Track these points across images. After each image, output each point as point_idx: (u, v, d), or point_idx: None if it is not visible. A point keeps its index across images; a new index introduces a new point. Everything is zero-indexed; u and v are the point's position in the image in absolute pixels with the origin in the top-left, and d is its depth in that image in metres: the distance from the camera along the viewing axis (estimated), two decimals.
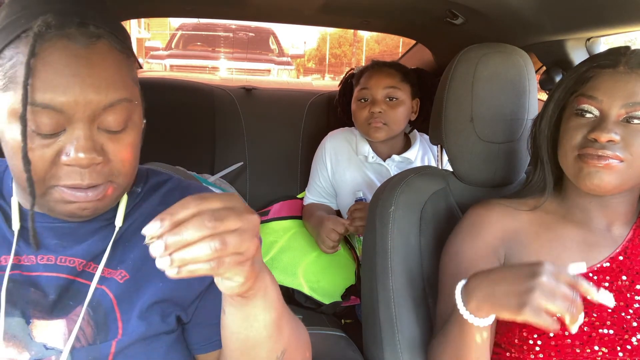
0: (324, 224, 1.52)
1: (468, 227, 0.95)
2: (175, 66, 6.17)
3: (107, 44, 0.63)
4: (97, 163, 0.62)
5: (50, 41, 0.60)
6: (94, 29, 0.62)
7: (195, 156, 1.97)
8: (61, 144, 0.61)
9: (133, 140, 0.66)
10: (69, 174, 0.62)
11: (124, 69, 0.65)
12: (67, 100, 0.59)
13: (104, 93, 0.61)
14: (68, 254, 0.70)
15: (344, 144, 1.69)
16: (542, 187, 0.94)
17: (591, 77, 0.86)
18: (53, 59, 0.59)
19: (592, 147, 0.82)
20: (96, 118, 0.62)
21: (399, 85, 1.58)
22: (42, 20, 0.59)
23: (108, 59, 0.63)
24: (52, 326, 0.68)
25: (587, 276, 0.88)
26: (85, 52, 0.61)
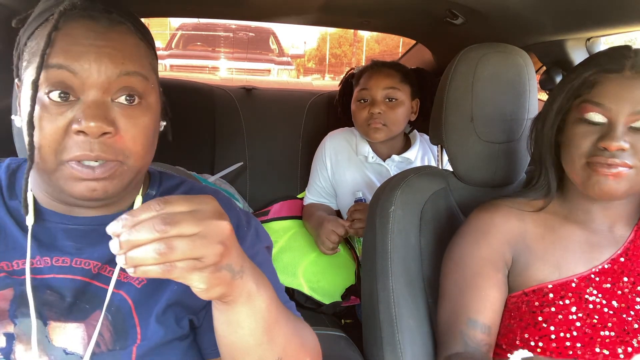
0: (323, 226, 1.52)
1: (472, 232, 0.95)
2: (175, 66, 6.17)
3: (127, 29, 0.66)
4: (107, 133, 0.62)
5: (74, 19, 0.63)
6: (117, 16, 0.66)
7: (195, 156, 1.97)
8: (74, 113, 0.62)
9: (147, 121, 0.67)
10: (79, 144, 0.62)
11: (143, 52, 0.68)
12: (81, 64, 0.61)
13: (120, 63, 0.63)
14: (83, 256, 0.69)
15: (343, 144, 1.68)
16: (547, 190, 0.93)
17: (597, 83, 0.84)
18: (73, 32, 0.62)
19: (602, 156, 0.81)
20: (109, 88, 0.63)
21: (399, 86, 1.58)
22: (69, 1, 0.63)
23: (127, 40, 0.66)
24: (70, 330, 0.67)
25: (589, 278, 0.87)
26: (106, 30, 0.64)
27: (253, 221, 0.81)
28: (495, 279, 0.91)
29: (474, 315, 0.90)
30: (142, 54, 0.68)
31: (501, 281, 0.92)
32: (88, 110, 0.61)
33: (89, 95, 0.62)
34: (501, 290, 0.92)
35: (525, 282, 0.91)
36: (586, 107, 0.84)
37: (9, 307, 0.66)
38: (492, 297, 0.91)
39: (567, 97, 0.88)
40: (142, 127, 0.66)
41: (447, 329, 0.94)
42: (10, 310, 0.66)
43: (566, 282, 0.88)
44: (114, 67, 0.63)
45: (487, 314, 0.90)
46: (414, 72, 1.67)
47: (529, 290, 0.90)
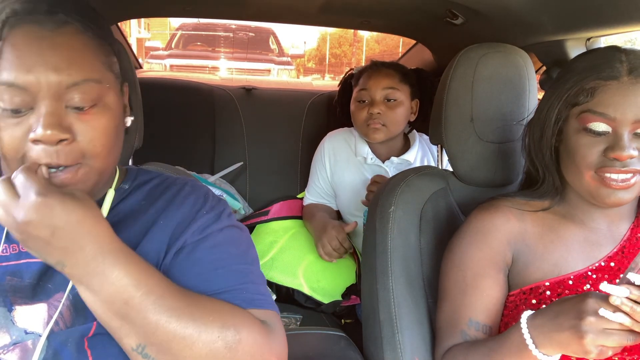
0: (327, 230, 1.52)
1: (472, 233, 0.94)
2: (175, 66, 6.17)
3: (74, 28, 0.65)
4: (64, 140, 0.63)
5: (18, 26, 0.63)
6: (63, 16, 0.65)
7: (195, 156, 1.97)
8: (29, 122, 0.63)
9: (105, 123, 0.67)
10: (39, 154, 0.63)
11: (92, 52, 0.67)
12: (29, 79, 0.62)
13: (66, 72, 0.63)
14: None
15: (343, 144, 1.68)
16: (554, 193, 0.92)
17: (595, 91, 0.83)
18: (18, 41, 0.63)
19: (613, 167, 0.80)
20: (62, 96, 0.64)
21: (398, 86, 1.57)
22: (9, 8, 0.63)
23: (74, 41, 0.65)
24: (33, 311, 0.69)
25: (585, 275, 0.88)
26: (50, 34, 0.64)
27: (219, 206, 0.79)
28: (495, 279, 0.92)
29: (474, 315, 0.91)
30: (92, 56, 0.67)
31: (501, 281, 0.92)
32: (42, 120, 0.62)
33: (42, 105, 0.63)
34: (501, 290, 0.92)
35: (524, 281, 0.91)
36: (588, 117, 0.83)
37: None
38: (492, 297, 0.91)
39: (565, 105, 0.87)
40: (100, 129, 0.67)
41: (447, 328, 0.94)
42: None
43: (563, 280, 0.88)
44: (61, 79, 0.63)
45: (487, 314, 0.91)
46: (413, 73, 1.67)
47: (527, 288, 0.90)
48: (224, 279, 0.72)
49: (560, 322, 0.72)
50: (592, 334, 0.68)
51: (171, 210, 0.76)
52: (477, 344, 0.87)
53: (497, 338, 0.84)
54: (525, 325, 0.77)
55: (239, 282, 0.72)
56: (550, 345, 0.74)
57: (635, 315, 0.67)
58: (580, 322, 0.69)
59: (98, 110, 0.67)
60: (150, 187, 0.80)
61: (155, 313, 0.62)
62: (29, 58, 0.62)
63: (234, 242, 0.77)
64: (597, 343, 0.68)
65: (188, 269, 0.72)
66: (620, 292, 0.67)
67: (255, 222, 1.78)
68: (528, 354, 0.76)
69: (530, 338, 0.76)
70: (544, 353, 0.75)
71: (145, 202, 0.77)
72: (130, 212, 0.76)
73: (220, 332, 0.64)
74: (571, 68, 0.88)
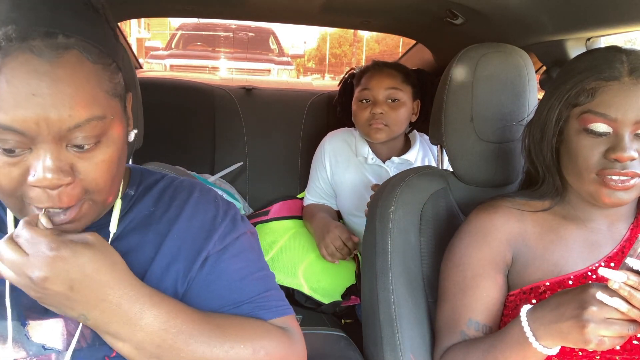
0: (330, 230, 1.51)
1: (472, 233, 0.94)
2: (175, 66, 6.17)
3: (76, 56, 0.58)
4: (67, 184, 0.59)
5: (12, 55, 0.55)
6: (63, 38, 0.57)
7: (195, 156, 1.97)
8: (28, 162, 0.58)
9: (109, 156, 0.62)
10: (39, 197, 0.59)
11: (95, 82, 0.59)
12: (27, 123, 0.55)
13: (68, 113, 0.57)
14: None
15: (343, 145, 1.68)
16: (555, 193, 0.92)
17: (596, 91, 0.82)
18: (14, 77, 0.55)
19: (614, 169, 0.80)
20: (63, 138, 0.58)
21: (401, 87, 1.57)
22: (3, 33, 0.55)
23: (76, 74, 0.57)
24: (48, 325, 0.67)
25: (585, 275, 0.88)
26: (49, 67, 0.56)
27: (231, 211, 0.79)
28: (495, 279, 0.92)
29: (474, 315, 0.91)
30: (97, 87, 0.60)
31: (501, 281, 0.92)
32: (42, 164, 0.57)
33: (41, 148, 0.58)
34: (501, 290, 0.92)
35: (524, 281, 0.91)
36: (589, 118, 0.83)
37: None
38: (492, 297, 0.91)
39: (565, 106, 0.86)
40: (104, 166, 0.62)
41: (447, 328, 0.94)
42: None
43: (562, 280, 0.88)
44: (62, 121, 0.57)
45: (487, 314, 0.91)
46: (414, 73, 1.66)
47: (527, 288, 0.90)
48: (248, 288, 0.74)
49: (562, 313, 0.73)
50: (593, 323, 0.68)
51: (184, 220, 0.74)
52: (477, 342, 0.87)
53: (497, 334, 0.84)
54: (525, 319, 0.77)
55: (261, 290, 0.75)
56: (550, 337, 0.74)
57: (632, 300, 0.67)
58: (582, 311, 0.69)
59: (101, 146, 0.61)
60: (158, 191, 0.77)
61: (187, 346, 0.64)
62: (27, 99, 0.55)
63: (251, 248, 0.79)
64: (598, 333, 0.68)
65: (214, 282, 0.73)
66: (618, 277, 0.68)
67: (256, 222, 1.78)
68: (528, 347, 0.76)
69: (530, 331, 0.76)
70: (544, 345, 0.75)
71: (155, 209, 0.75)
72: (141, 221, 0.74)
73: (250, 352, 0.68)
74: (571, 68, 0.88)
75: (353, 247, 1.51)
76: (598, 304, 0.69)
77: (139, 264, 0.70)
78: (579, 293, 0.72)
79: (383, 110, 1.54)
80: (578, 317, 0.70)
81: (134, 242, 0.72)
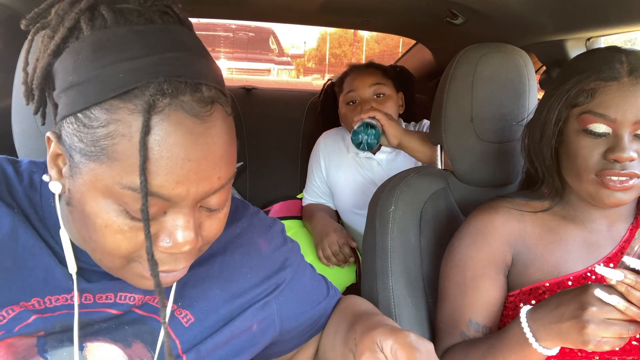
0: (329, 234, 1.52)
1: (472, 234, 0.94)
2: None
3: (220, 111, 0.53)
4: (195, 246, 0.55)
5: (163, 113, 0.48)
6: (207, 90, 0.51)
7: None
8: (159, 226, 0.53)
9: (226, 213, 0.59)
10: (165, 260, 0.55)
11: (233, 138, 0.55)
12: (178, 192, 0.50)
13: (217, 177, 0.52)
14: (127, 290, 0.64)
15: (335, 143, 1.71)
16: (554, 194, 0.92)
17: (596, 92, 0.82)
18: (169, 137, 0.48)
19: (613, 170, 0.80)
20: (198, 202, 0.54)
21: (383, 81, 1.59)
22: (156, 87, 0.48)
23: (222, 133, 0.52)
24: (110, 353, 0.62)
25: (584, 276, 0.88)
26: (203, 128, 0.50)
27: (277, 227, 0.84)
28: (495, 280, 0.92)
29: (474, 316, 0.91)
30: (234, 144, 0.55)
31: (501, 282, 0.92)
32: (180, 231, 0.53)
33: (180, 213, 0.53)
34: (501, 291, 0.92)
35: (524, 282, 0.91)
36: (588, 118, 0.83)
37: (37, 342, 0.60)
38: (492, 298, 0.91)
39: (565, 106, 0.86)
40: (224, 219, 0.59)
41: (447, 329, 0.94)
42: (38, 345, 0.60)
43: (562, 281, 0.88)
44: (211, 187, 0.53)
45: (487, 314, 0.91)
46: (392, 69, 1.69)
47: (527, 289, 0.90)
48: (320, 287, 0.86)
49: (561, 313, 0.73)
50: (593, 324, 0.68)
51: (255, 256, 0.74)
52: (477, 342, 0.87)
53: (497, 334, 0.84)
54: (525, 319, 0.77)
55: (324, 280, 0.88)
56: (549, 337, 0.74)
57: (630, 296, 0.67)
58: (582, 312, 0.69)
59: (227, 205, 0.58)
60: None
61: None
62: (180, 163, 0.49)
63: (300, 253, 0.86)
64: (598, 333, 0.68)
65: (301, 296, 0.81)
66: (616, 276, 0.68)
67: None
68: (528, 347, 0.76)
69: (530, 332, 0.76)
70: (544, 346, 0.75)
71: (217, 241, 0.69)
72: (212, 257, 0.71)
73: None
74: (571, 68, 0.88)
75: (349, 255, 1.51)
76: (598, 305, 0.69)
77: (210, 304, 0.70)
78: (578, 294, 0.72)
79: (372, 106, 1.54)
80: (578, 318, 0.70)
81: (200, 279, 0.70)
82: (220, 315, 0.69)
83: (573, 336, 0.71)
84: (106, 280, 0.63)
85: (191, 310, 0.68)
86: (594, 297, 0.69)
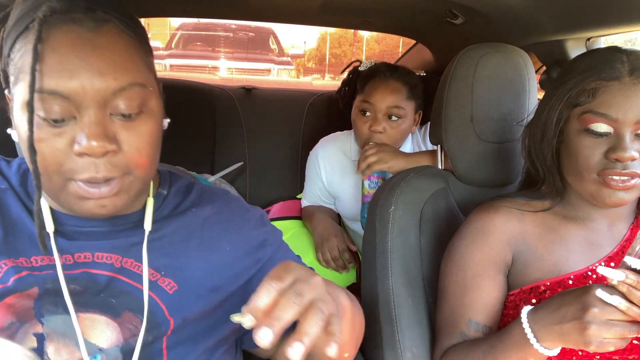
0: (329, 239, 1.51)
1: (472, 234, 0.94)
2: (175, 66, 6.17)
3: (115, 27, 0.61)
4: (111, 151, 0.60)
5: (56, 26, 0.59)
6: (102, 14, 0.61)
7: (195, 156, 1.97)
8: (72, 132, 0.59)
9: (150, 129, 0.64)
10: (84, 167, 0.60)
11: (135, 53, 0.63)
12: (73, 86, 0.58)
13: (112, 77, 0.59)
14: (104, 250, 0.69)
15: (336, 152, 1.64)
16: (555, 194, 0.92)
17: (597, 91, 0.82)
18: (59, 44, 0.58)
19: (615, 169, 0.80)
20: (107, 104, 0.60)
21: (403, 104, 1.47)
22: (47, 6, 0.58)
23: (117, 42, 0.61)
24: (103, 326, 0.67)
25: (585, 275, 0.88)
26: (92, 35, 0.59)
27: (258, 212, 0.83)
28: (495, 279, 0.92)
29: (474, 316, 0.91)
30: (135, 56, 0.63)
31: (502, 282, 0.92)
32: (87, 130, 0.58)
33: (86, 114, 0.59)
34: (501, 290, 0.92)
35: (524, 281, 0.91)
36: (590, 118, 0.83)
37: (34, 305, 0.65)
38: (492, 297, 0.91)
39: (566, 106, 0.86)
40: (146, 137, 0.63)
41: (447, 329, 0.94)
42: (35, 308, 0.65)
43: (562, 280, 0.88)
44: (107, 84, 0.59)
45: (487, 314, 0.91)
46: (421, 82, 1.56)
47: (527, 288, 0.90)
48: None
49: (563, 314, 0.72)
50: (595, 325, 0.68)
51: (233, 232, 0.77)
52: (478, 342, 0.87)
53: (497, 334, 0.84)
54: (526, 320, 0.77)
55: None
56: (550, 338, 0.74)
57: (631, 296, 0.67)
58: (584, 313, 0.69)
59: (143, 116, 0.63)
60: (196, 196, 0.79)
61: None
62: (72, 62, 0.58)
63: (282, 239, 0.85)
64: (600, 334, 0.68)
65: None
66: (617, 276, 0.68)
67: None
68: (529, 348, 0.76)
69: (531, 332, 0.76)
70: (545, 347, 0.75)
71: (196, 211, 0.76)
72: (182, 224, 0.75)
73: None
74: (572, 68, 0.88)
75: (348, 261, 1.50)
76: (600, 306, 0.69)
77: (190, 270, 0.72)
78: (580, 295, 0.72)
79: (383, 128, 1.46)
80: (580, 319, 0.70)
81: (174, 237, 0.73)
82: (204, 285, 0.72)
83: (575, 337, 0.71)
84: (83, 239, 0.69)
85: (174, 279, 0.71)
86: (595, 298, 0.69)
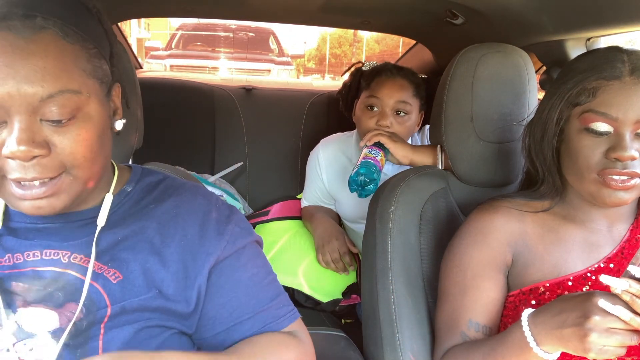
0: (330, 241, 1.51)
1: (472, 234, 0.94)
2: (175, 66, 6.16)
3: (52, 34, 0.61)
4: (39, 156, 0.61)
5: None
6: (41, 21, 0.60)
7: (195, 156, 1.97)
8: (3, 136, 0.61)
9: (85, 134, 0.64)
10: (14, 167, 0.61)
11: (69, 59, 0.62)
12: (1, 93, 0.58)
13: (40, 84, 0.59)
14: (54, 247, 0.71)
15: (337, 154, 1.64)
16: (554, 194, 0.92)
17: (597, 91, 0.82)
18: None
19: (615, 169, 0.80)
20: (36, 110, 0.60)
21: (410, 100, 1.48)
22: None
23: (50, 49, 0.60)
24: (43, 316, 0.68)
25: (585, 276, 0.88)
26: (24, 43, 0.59)
27: (235, 216, 0.80)
28: (495, 280, 0.91)
29: (474, 316, 0.91)
30: (71, 63, 0.62)
31: (502, 282, 0.92)
32: (14, 135, 0.60)
33: (15, 120, 0.60)
34: (501, 291, 0.92)
35: (524, 282, 0.91)
36: (590, 117, 0.82)
37: None
38: (492, 298, 0.91)
39: (566, 105, 0.86)
40: (80, 141, 0.63)
41: (447, 329, 0.94)
42: None
43: (562, 281, 0.88)
44: (34, 91, 0.59)
45: (487, 315, 0.91)
46: (424, 83, 1.57)
47: (526, 289, 0.90)
48: (262, 294, 0.78)
49: (564, 319, 0.72)
50: (595, 333, 0.68)
51: (191, 224, 0.75)
52: (478, 344, 0.87)
53: (497, 337, 0.84)
54: (526, 323, 0.77)
55: (273, 296, 0.79)
56: (550, 342, 0.74)
57: (635, 306, 0.67)
58: (584, 320, 0.69)
59: (77, 121, 0.63)
60: (160, 191, 0.78)
61: None
62: (1, 70, 0.58)
63: (259, 253, 0.81)
64: (600, 342, 0.68)
65: (232, 290, 0.76)
66: (620, 285, 0.67)
67: (256, 222, 1.78)
68: (529, 351, 0.76)
69: (532, 336, 0.76)
70: (544, 350, 0.75)
71: (155, 207, 0.76)
72: (140, 219, 0.75)
73: None
74: (572, 68, 0.88)
75: (349, 264, 1.50)
76: (601, 314, 0.68)
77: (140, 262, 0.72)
78: (582, 301, 0.71)
79: (390, 123, 1.46)
80: (580, 326, 0.69)
81: (127, 231, 0.73)
82: (150, 279, 0.72)
83: (574, 343, 0.70)
84: (35, 237, 0.71)
85: (121, 270, 0.71)
86: (597, 306, 0.69)
